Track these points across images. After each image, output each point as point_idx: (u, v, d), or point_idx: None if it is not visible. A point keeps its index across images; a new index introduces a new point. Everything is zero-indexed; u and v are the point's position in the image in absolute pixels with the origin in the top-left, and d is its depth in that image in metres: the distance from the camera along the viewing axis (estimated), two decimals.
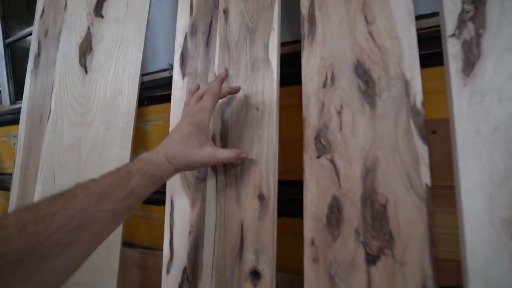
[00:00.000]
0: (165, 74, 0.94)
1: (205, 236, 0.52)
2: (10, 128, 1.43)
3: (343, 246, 0.42)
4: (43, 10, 0.98)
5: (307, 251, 0.44)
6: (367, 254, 0.40)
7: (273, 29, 0.52)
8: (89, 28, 0.74)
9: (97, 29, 0.74)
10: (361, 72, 0.45)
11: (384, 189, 0.41)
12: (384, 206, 0.40)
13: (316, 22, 0.49)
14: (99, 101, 0.70)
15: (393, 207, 0.40)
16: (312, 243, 0.44)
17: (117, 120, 0.69)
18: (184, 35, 0.64)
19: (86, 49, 0.72)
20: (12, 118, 1.41)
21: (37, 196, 0.79)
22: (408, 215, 0.39)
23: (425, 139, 0.40)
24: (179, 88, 0.62)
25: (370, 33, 0.45)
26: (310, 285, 0.43)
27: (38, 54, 0.94)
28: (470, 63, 0.38)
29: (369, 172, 0.42)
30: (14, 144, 1.44)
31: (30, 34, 1.20)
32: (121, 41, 0.71)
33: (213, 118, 0.55)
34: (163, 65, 0.95)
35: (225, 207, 0.51)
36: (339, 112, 0.45)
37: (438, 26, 0.43)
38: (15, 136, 1.42)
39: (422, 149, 0.40)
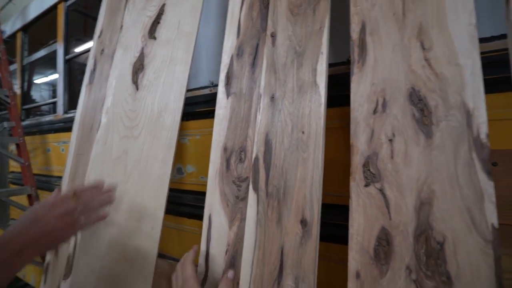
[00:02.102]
0: (206, 91, 0.98)
1: (243, 257, 0.52)
2: (61, 135, 1.57)
3: (392, 283, 0.39)
4: (101, 31, 1.08)
5: (351, 285, 0.42)
6: None
7: (322, 53, 0.52)
8: (142, 49, 0.80)
9: (149, 50, 0.79)
10: (416, 99, 0.43)
11: (441, 226, 0.38)
12: (441, 244, 0.37)
13: (367, 47, 0.49)
14: (146, 116, 0.74)
15: (451, 246, 0.37)
16: (357, 276, 0.42)
17: (161, 135, 0.72)
18: (230, 56, 0.67)
19: (138, 67, 0.78)
20: (64, 126, 1.55)
21: None
22: (470, 257, 0.36)
23: (491, 174, 0.37)
24: (223, 107, 0.65)
25: (426, 59, 0.43)
26: None
27: (93, 70, 1.04)
28: None
29: (424, 205, 0.39)
30: (62, 150, 1.57)
31: (87, 51, 1.32)
32: (170, 60, 0.76)
33: (257, 135, 0.56)
34: (204, 82, 1.00)
35: (265, 229, 0.51)
36: (391, 140, 0.43)
37: (500, 50, 0.41)
38: (64, 143, 1.55)
39: (487, 185, 0.36)
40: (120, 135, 0.76)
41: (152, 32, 0.81)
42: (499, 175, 0.48)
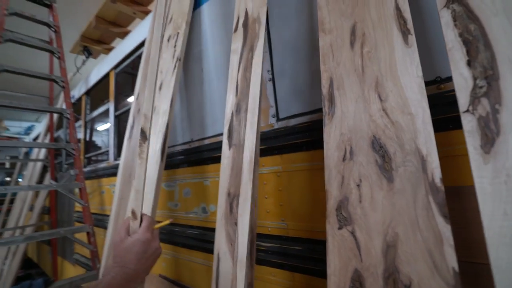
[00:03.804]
0: (221, 138, 1.10)
1: None
2: (112, 179, 1.83)
3: None
4: (138, 94, 1.31)
5: None
6: None
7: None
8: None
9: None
10: (378, 147, 0.47)
11: (407, 268, 0.40)
12: (408, 287, 0.39)
13: (335, 100, 0.55)
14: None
15: None
16: None
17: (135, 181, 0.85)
18: (231, 112, 0.78)
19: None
20: (114, 171, 1.80)
21: None
22: None
23: (447, 217, 0.39)
24: (226, 157, 0.74)
25: (384, 109, 0.48)
26: None
27: (132, 127, 1.25)
28: (489, 140, 0.37)
29: (390, 248, 0.42)
30: (113, 192, 1.82)
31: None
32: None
33: None
34: (220, 130, 1.13)
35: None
36: (358, 185, 0.48)
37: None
38: (114, 185, 1.79)
39: (445, 228, 0.38)
40: None
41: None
42: (462, 211, 0.47)
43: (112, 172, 1.85)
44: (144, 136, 0.90)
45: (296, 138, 0.80)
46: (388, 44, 0.51)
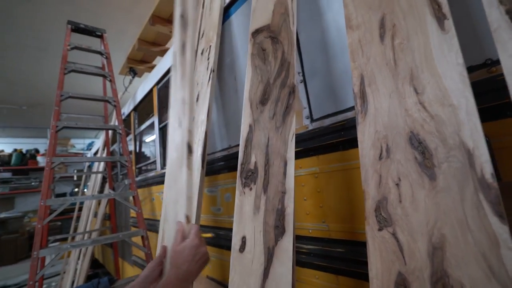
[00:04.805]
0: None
1: None
2: (160, 186, 1.98)
3: None
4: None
5: None
6: None
7: None
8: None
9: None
10: (416, 143, 0.45)
11: (458, 273, 0.37)
12: None
13: (367, 97, 0.53)
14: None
15: None
16: None
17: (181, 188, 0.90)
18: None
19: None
20: (161, 180, 1.95)
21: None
22: None
23: (503, 217, 0.35)
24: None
25: (421, 103, 0.45)
26: None
27: None
28: None
29: (436, 250, 0.39)
30: (162, 199, 1.96)
31: None
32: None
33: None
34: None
35: None
36: (397, 185, 0.45)
37: None
38: (163, 193, 1.93)
39: (501, 229, 0.35)
40: None
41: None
42: None
43: (159, 180, 2.00)
44: (190, 149, 0.96)
45: (331, 138, 0.78)
46: (421, 32, 0.48)
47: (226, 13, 1.24)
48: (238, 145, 1.19)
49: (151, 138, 4.33)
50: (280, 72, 0.77)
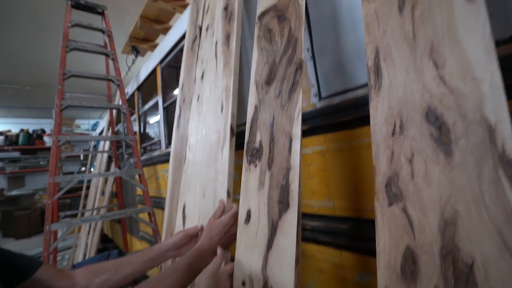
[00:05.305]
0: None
1: None
2: (165, 165, 2.00)
3: None
4: (182, 84, 1.39)
5: None
6: None
7: None
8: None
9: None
10: (433, 118, 0.43)
11: (469, 247, 0.37)
12: (470, 267, 0.36)
13: (382, 72, 0.51)
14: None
15: (481, 269, 0.35)
16: None
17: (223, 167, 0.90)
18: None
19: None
20: (166, 158, 1.97)
21: (179, 218, 1.10)
22: (506, 284, 0.34)
23: None
24: None
25: (441, 77, 0.43)
26: None
27: (179, 116, 1.34)
28: None
29: (448, 226, 0.39)
30: (167, 177, 1.99)
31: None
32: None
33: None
34: None
35: None
36: (410, 161, 0.45)
37: None
38: (168, 171, 1.96)
39: None
40: None
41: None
42: None
43: (164, 159, 2.02)
44: (233, 131, 0.94)
45: (340, 116, 0.77)
46: (445, 2, 0.45)
47: None
48: (244, 124, 1.18)
49: (155, 119, 4.31)
50: (286, 49, 0.74)
